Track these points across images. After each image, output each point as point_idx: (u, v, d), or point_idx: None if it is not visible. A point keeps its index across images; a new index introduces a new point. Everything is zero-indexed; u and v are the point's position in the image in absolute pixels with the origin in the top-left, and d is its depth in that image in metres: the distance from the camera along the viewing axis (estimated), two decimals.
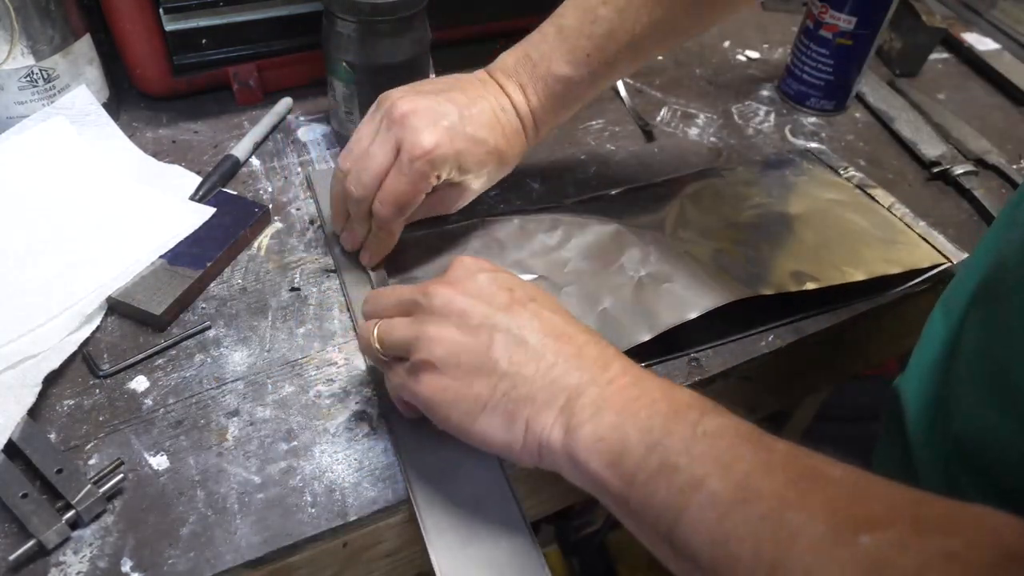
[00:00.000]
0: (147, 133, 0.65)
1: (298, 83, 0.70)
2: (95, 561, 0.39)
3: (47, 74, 0.58)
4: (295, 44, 0.66)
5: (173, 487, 0.42)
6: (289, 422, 0.46)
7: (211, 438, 0.44)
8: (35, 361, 0.46)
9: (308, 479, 0.43)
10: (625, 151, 0.69)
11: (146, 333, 0.50)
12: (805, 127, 0.74)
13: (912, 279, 0.57)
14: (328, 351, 0.50)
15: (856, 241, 0.58)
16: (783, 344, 0.53)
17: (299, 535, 0.41)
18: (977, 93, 0.82)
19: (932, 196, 0.67)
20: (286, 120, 0.68)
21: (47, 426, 0.44)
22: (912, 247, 0.59)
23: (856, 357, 0.64)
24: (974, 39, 0.87)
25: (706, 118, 0.74)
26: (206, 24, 0.62)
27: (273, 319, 0.51)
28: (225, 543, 0.40)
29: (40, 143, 0.57)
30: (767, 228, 0.59)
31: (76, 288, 0.50)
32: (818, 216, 0.61)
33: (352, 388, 0.48)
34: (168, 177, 0.60)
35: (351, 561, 0.44)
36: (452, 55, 0.76)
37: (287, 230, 0.58)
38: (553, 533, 1.03)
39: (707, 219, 0.59)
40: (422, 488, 0.42)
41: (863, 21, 0.69)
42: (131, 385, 0.47)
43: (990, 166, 0.70)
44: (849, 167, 0.67)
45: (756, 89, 0.79)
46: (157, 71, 0.64)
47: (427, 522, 0.41)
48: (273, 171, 0.63)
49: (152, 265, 0.52)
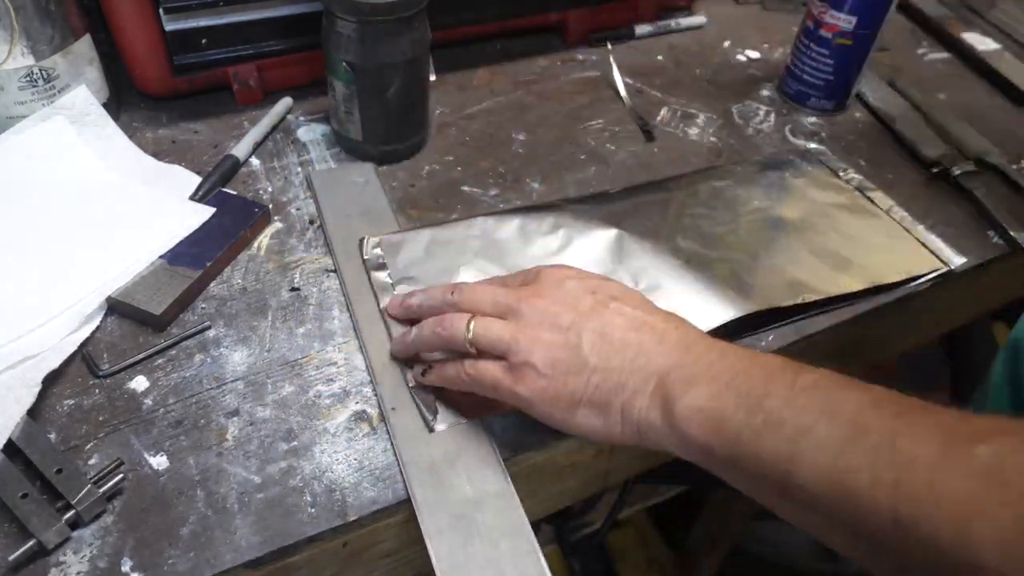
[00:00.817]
0: (147, 133, 0.65)
1: (298, 83, 0.70)
2: (95, 561, 0.39)
3: (47, 74, 0.58)
4: (295, 44, 0.66)
5: (173, 487, 0.42)
6: (289, 422, 0.46)
7: (211, 438, 0.44)
8: (35, 361, 0.46)
9: (308, 479, 0.43)
10: (625, 151, 0.69)
11: (146, 333, 0.50)
12: (805, 127, 0.74)
13: (910, 283, 0.57)
14: (328, 351, 0.50)
15: (854, 247, 0.58)
16: (783, 344, 0.53)
17: (299, 535, 0.41)
18: (977, 93, 0.82)
19: (932, 196, 0.67)
20: (286, 120, 0.68)
21: (47, 426, 0.44)
22: (910, 252, 0.59)
23: (857, 357, 0.64)
24: (974, 39, 0.87)
25: (706, 118, 0.74)
26: (206, 24, 0.62)
27: (273, 319, 0.51)
28: (225, 543, 0.40)
29: (40, 143, 0.57)
30: (765, 235, 0.59)
31: (76, 288, 0.50)
32: (817, 220, 0.61)
33: (352, 388, 0.48)
34: (168, 177, 0.60)
35: (351, 561, 0.44)
36: (452, 55, 0.76)
37: (287, 230, 0.58)
38: (553, 533, 1.03)
39: (706, 225, 0.59)
40: (422, 488, 0.42)
41: (863, 21, 0.69)
42: (131, 385, 0.47)
43: (990, 166, 0.70)
44: (849, 169, 0.67)
45: (756, 89, 0.79)
46: (157, 71, 0.64)
47: (427, 522, 0.41)
48: (273, 171, 0.63)
49: (152, 265, 0.52)
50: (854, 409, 0.32)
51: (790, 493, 0.33)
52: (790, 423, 0.33)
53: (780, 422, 0.33)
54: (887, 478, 0.30)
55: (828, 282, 0.55)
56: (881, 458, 0.30)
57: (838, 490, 0.31)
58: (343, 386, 0.48)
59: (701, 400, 0.36)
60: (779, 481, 0.33)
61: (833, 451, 0.31)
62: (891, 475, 0.30)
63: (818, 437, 0.32)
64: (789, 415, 0.33)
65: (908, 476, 0.29)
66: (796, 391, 0.34)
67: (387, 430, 0.45)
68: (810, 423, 0.33)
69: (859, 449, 0.31)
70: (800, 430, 0.33)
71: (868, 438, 0.31)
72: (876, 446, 0.30)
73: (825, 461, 0.32)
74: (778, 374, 0.36)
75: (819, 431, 0.32)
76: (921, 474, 0.29)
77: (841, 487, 0.31)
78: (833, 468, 0.31)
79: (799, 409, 0.33)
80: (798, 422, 0.33)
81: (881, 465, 0.30)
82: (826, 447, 0.32)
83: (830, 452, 0.31)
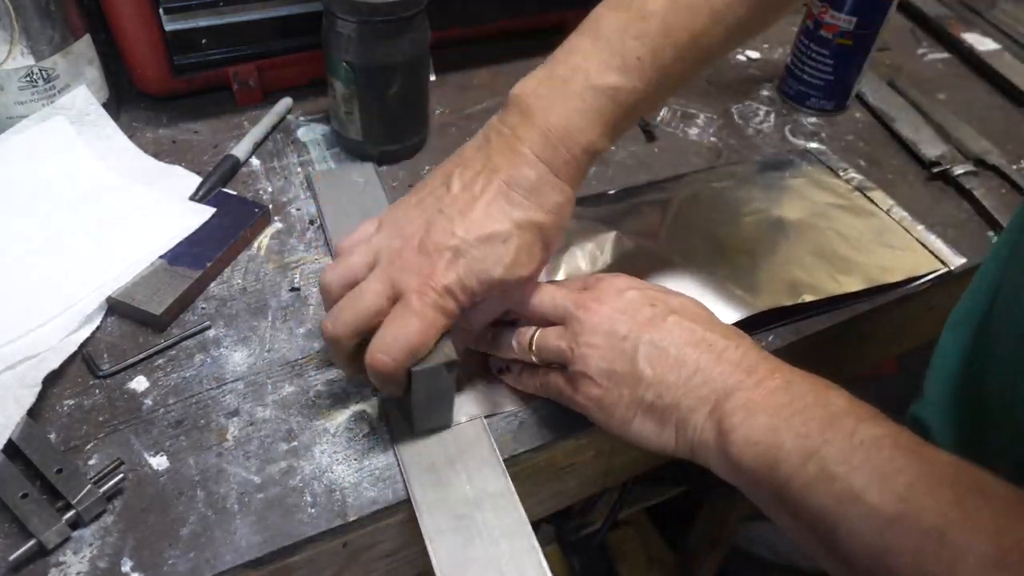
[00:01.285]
0: (147, 133, 0.65)
1: (298, 83, 0.70)
2: (95, 561, 0.39)
3: (47, 74, 0.58)
4: (295, 44, 0.66)
5: (173, 487, 0.42)
6: (289, 422, 0.46)
7: (211, 438, 0.44)
8: (35, 361, 0.46)
9: (308, 479, 0.43)
10: (625, 151, 0.69)
11: (146, 333, 0.50)
12: (805, 127, 0.74)
13: (910, 283, 0.57)
14: (328, 351, 0.50)
15: (854, 247, 0.58)
16: (783, 344, 0.53)
17: (299, 535, 0.41)
18: (977, 93, 0.82)
19: (932, 196, 0.67)
20: (286, 120, 0.68)
21: (47, 426, 0.44)
22: (910, 252, 0.59)
23: (856, 357, 0.64)
24: (974, 39, 0.87)
25: (706, 118, 0.74)
26: (206, 24, 0.62)
27: (273, 319, 0.51)
28: (225, 543, 0.40)
29: (40, 143, 0.57)
30: (765, 236, 0.59)
31: (76, 288, 0.50)
32: (816, 221, 0.61)
33: (352, 388, 0.48)
34: (168, 177, 0.60)
35: (351, 561, 0.44)
36: (452, 55, 0.76)
37: (287, 230, 0.58)
38: (553, 533, 1.03)
39: (704, 226, 0.59)
40: (422, 488, 0.42)
41: (863, 21, 0.69)
42: (131, 385, 0.47)
43: (990, 166, 0.70)
44: (849, 168, 0.67)
45: (756, 89, 0.79)
46: (157, 71, 0.64)
47: (427, 522, 0.41)
48: (273, 171, 0.63)
49: (152, 265, 0.52)
50: (910, 482, 0.30)
51: (829, 546, 0.32)
52: (842, 481, 0.31)
53: (832, 477, 0.32)
54: (929, 570, 0.28)
55: (828, 282, 0.55)
56: (928, 546, 0.29)
57: (879, 564, 0.30)
58: (343, 386, 0.48)
59: (757, 434, 0.35)
60: (821, 534, 0.32)
61: (879, 525, 0.30)
62: (934, 568, 0.28)
63: (867, 506, 0.30)
64: (843, 471, 0.32)
65: (956, 572, 0.28)
66: (855, 444, 0.32)
67: (388, 430, 0.45)
68: (861, 487, 0.31)
69: (907, 530, 0.29)
70: (850, 493, 0.31)
71: (918, 521, 0.29)
72: (925, 533, 0.29)
73: (870, 534, 0.30)
74: (840, 419, 0.34)
75: (869, 498, 0.31)
76: (971, 573, 0.27)
77: (883, 563, 0.30)
78: (877, 543, 0.30)
79: (854, 467, 0.32)
80: (850, 482, 0.31)
81: (928, 555, 0.29)
82: (873, 519, 0.30)
83: (876, 526, 0.30)
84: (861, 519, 0.31)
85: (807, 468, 0.33)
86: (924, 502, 0.30)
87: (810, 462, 0.33)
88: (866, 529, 0.30)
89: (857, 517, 0.31)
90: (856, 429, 0.33)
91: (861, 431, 0.33)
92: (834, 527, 0.31)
